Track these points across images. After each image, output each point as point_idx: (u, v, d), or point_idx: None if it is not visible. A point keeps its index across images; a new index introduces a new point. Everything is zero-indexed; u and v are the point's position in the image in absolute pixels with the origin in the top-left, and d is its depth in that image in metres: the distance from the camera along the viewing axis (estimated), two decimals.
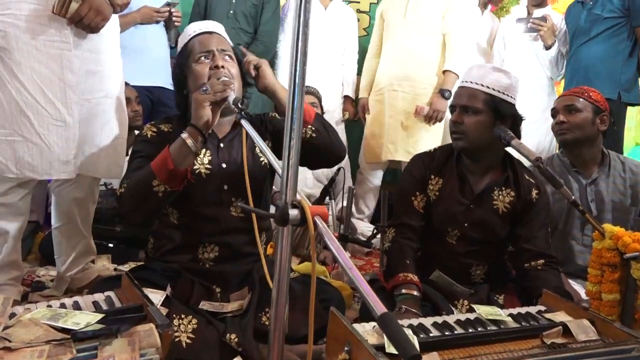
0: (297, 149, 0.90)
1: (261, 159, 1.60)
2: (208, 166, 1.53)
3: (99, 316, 1.08)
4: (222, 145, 1.57)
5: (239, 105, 1.38)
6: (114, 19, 1.74)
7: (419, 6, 2.99)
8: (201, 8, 3.05)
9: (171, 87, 2.86)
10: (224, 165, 1.54)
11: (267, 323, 1.37)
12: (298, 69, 0.89)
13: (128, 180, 1.46)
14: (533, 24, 2.83)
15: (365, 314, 1.47)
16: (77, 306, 1.20)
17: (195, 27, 1.62)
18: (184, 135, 1.38)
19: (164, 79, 2.80)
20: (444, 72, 2.98)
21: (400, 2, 3.05)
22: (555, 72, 3.01)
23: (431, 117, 2.96)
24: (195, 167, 1.50)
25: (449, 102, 3.07)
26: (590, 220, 1.50)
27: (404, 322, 1.22)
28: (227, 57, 1.56)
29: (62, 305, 1.20)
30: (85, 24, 1.57)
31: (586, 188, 2.02)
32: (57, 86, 1.58)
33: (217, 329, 1.37)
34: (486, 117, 1.62)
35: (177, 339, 1.30)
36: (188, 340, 1.31)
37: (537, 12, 2.97)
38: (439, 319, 1.24)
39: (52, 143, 1.58)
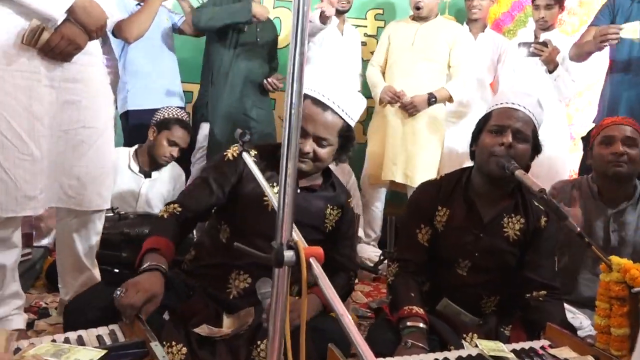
0: (292, 187, 0.89)
1: (325, 224, 1.65)
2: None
3: (102, 352, 1.09)
4: (298, 191, 1.58)
5: (243, 139, 1.47)
6: (95, 46, 1.71)
7: (427, 36, 3.07)
8: None
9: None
10: None
11: (260, 355, 1.35)
12: (294, 104, 0.87)
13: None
14: (535, 49, 2.80)
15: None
16: (80, 341, 1.21)
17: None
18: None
19: (175, 101, 2.85)
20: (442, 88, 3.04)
21: (408, 29, 3.11)
22: (560, 95, 2.98)
23: (406, 107, 2.96)
24: (265, 198, 1.54)
25: (451, 107, 3.15)
26: (597, 253, 1.47)
27: (405, 358, 1.21)
28: None
29: (66, 340, 1.21)
30: (56, 52, 1.54)
31: (610, 218, 1.96)
32: (24, 118, 1.53)
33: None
34: (530, 147, 1.62)
35: None
36: None
37: (544, 36, 2.96)
38: (440, 356, 1.23)
39: (18, 178, 1.53)
